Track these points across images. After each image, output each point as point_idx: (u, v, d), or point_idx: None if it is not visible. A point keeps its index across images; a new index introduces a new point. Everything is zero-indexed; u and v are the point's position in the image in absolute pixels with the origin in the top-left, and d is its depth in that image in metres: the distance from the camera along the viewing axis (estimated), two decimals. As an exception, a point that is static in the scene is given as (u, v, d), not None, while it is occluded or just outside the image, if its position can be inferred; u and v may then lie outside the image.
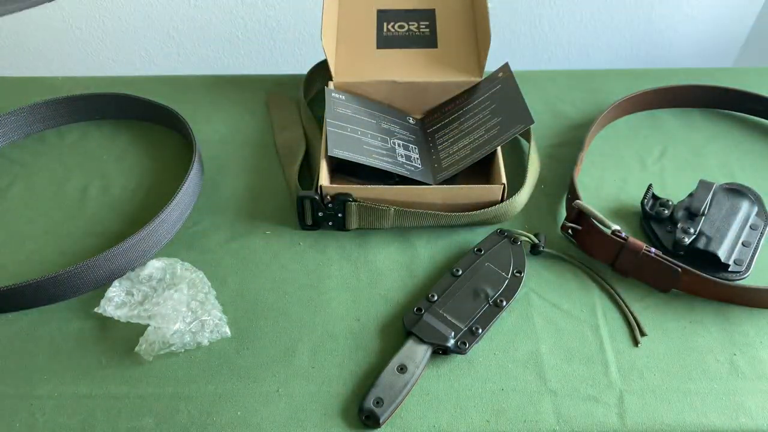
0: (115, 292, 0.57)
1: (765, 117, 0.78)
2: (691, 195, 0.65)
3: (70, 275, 0.57)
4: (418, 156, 0.69)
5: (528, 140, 0.73)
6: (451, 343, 0.54)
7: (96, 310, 0.56)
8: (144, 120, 0.79)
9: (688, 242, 0.60)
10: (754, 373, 0.54)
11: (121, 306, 0.56)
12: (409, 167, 0.67)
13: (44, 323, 0.57)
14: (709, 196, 0.63)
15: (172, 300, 0.55)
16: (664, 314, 0.58)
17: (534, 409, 0.52)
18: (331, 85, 0.73)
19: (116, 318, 0.55)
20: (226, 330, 0.56)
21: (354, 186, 0.63)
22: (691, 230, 0.61)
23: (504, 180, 0.63)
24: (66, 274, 0.57)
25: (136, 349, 0.54)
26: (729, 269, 0.60)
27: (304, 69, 0.82)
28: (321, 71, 0.81)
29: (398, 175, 0.65)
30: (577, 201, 0.62)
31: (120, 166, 0.74)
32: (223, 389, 0.53)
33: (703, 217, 0.62)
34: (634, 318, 0.58)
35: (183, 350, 0.55)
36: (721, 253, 0.60)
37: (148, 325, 0.55)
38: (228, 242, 0.65)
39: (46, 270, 0.61)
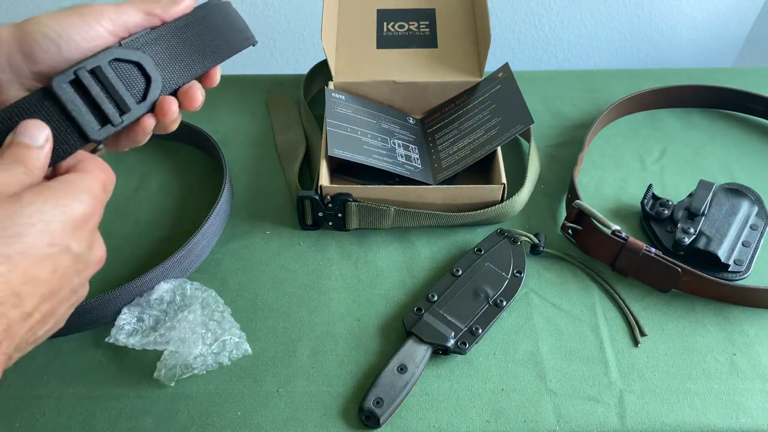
0: (126, 319, 0.55)
1: (765, 117, 0.78)
2: (691, 195, 0.65)
3: (91, 307, 0.54)
4: (418, 156, 0.69)
5: (528, 140, 0.73)
6: (451, 343, 0.54)
7: (107, 339, 0.54)
8: (166, 139, 0.77)
9: (688, 242, 0.60)
10: (754, 373, 0.54)
11: (133, 333, 0.54)
12: (409, 167, 0.67)
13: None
14: (709, 196, 0.63)
15: (187, 321, 0.54)
16: (664, 314, 0.58)
17: (534, 409, 0.52)
18: (331, 85, 0.73)
19: (130, 346, 0.53)
20: (247, 347, 0.55)
21: (354, 186, 0.63)
22: (691, 230, 0.61)
23: (504, 180, 0.63)
24: (86, 306, 0.54)
25: (155, 375, 0.53)
26: (729, 269, 0.60)
27: (304, 69, 0.82)
28: (321, 71, 0.81)
29: (398, 175, 0.65)
30: (577, 201, 0.62)
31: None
32: (223, 389, 0.53)
33: (703, 217, 0.62)
34: (634, 318, 0.58)
35: (205, 372, 0.54)
36: (721, 253, 0.60)
37: (164, 350, 0.53)
38: (228, 242, 0.65)
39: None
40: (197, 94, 0.42)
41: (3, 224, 0.31)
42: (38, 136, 0.35)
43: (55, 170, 0.37)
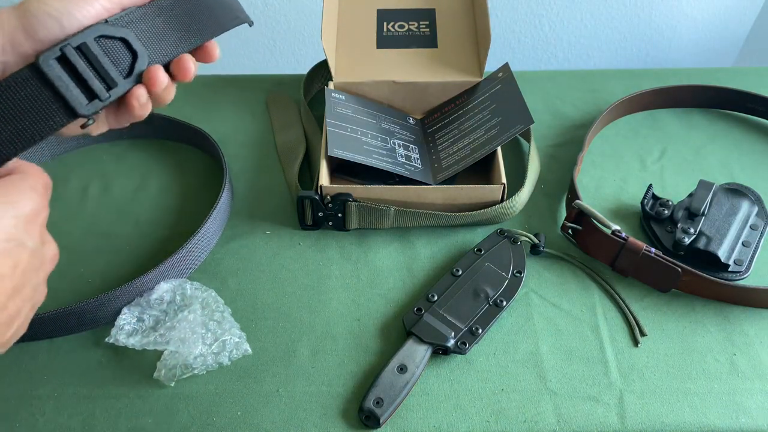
0: (126, 319, 0.55)
1: (765, 117, 0.78)
2: (691, 195, 0.65)
3: (91, 307, 0.55)
4: (418, 156, 0.69)
5: (528, 140, 0.73)
6: (451, 343, 0.54)
7: (107, 339, 0.54)
8: (166, 139, 0.77)
9: (688, 242, 0.60)
10: (754, 373, 0.54)
11: (133, 333, 0.54)
12: (409, 167, 0.67)
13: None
14: (709, 196, 0.63)
15: (187, 321, 0.54)
16: (664, 314, 0.58)
17: (534, 409, 0.52)
18: (331, 85, 0.73)
19: (130, 346, 0.53)
20: (247, 347, 0.55)
21: (354, 186, 0.63)
22: (691, 230, 0.61)
23: (504, 180, 0.63)
24: (86, 306, 0.54)
25: (155, 375, 0.53)
26: (729, 269, 0.60)
27: (304, 69, 0.82)
28: (321, 71, 0.81)
29: (398, 175, 0.65)
30: (577, 201, 0.62)
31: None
32: (223, 389, 0.53)
33: (703, 217, 0.62)
34: (634, 318, 0.58)
35: (205, 372, 0.54)
36: (721, 253, 0.60)
37: (164, 350, 0.53)
38: (228, 242, 0.65)
39: (66, 296, 0.60)
40: (189, 64, 0.42)
41: None
42: None
43: None
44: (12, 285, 0.34)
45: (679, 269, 0.57)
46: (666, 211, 0.64)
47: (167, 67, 0.42)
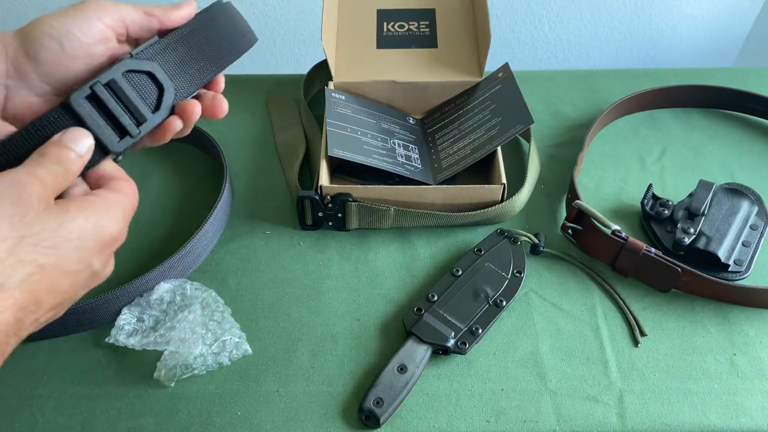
0: (126, 319, 0.55)
1: (765, 117, 0.78)
2: (691, 195, 0.65)
3: (91, 307, 0.54)
4: (418, 156, 0.69)
5: (528, 140, 0.73)
6: (451, 343, 0.54)
7: (107, 339, 0.54)
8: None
9: (688, 242, 0.60)
10: (754, 373, 0.54)
11: (133, 333, 0.54)
12: (409, 167, 0.67)
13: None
14: (709, 196, 0.63)
15: (187, 321, 0.54)
16: (664, 314, 0.58)
17: (534, 409, 0.52)
18: (331, 85, 0.73)
19: (130, 346, 0.53)
20: (247, 347, 0.55)
21: (354, 186, 0.63)
22: (691, 230, 0.61)
23: (504, 180, 0.63)
24: (86, 306, 0.54)
25: (155, 375, 0.53)
26: (729, 269, 0.60)
27: (304, 69, 0.82)
28: (321, 71, 0.81)
29: (398, 175, 0.65)
30: (577, 201, 0.62)
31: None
32: (223, 389, 0.53)
33: (703, 217, 0.62)
34: (634, 318, 0.58)
35: (205, 372, 0.54)
36: (721, 253, 0.60)
37: (164, 350, 0.53)
38: (228, 242, 0.65)
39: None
40: (222, 103, 0.44)
41: (45, 234, 0.32)
42: (83, 144, 0.36)
43: (84, 178, 0.39)
44: (62, 299, 0.34)
45: (679, 269, 0.57)
46: (666, 211, 0.64)
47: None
